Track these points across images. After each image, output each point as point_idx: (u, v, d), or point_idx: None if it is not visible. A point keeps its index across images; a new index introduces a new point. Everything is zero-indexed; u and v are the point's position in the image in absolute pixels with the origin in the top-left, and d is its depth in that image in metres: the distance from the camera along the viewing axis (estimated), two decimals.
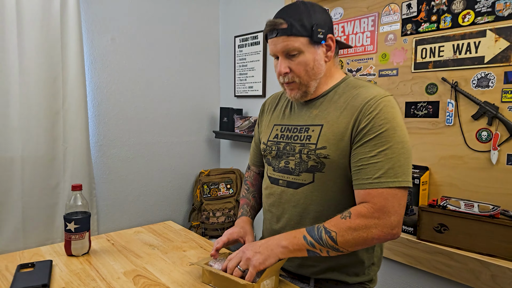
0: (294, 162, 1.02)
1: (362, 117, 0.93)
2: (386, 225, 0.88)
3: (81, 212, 1.15)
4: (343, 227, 0.88)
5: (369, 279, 1.06)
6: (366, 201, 0.90)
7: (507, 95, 1.38)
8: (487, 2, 1.41)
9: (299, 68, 0.98)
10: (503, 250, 1.34)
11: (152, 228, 1.44)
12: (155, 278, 1.01)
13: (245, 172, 1.34)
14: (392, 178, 0.88)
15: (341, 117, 0.97)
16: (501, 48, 1.38)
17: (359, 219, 0.88)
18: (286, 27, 0.95)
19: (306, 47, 0.97)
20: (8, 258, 1.13)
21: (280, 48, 0.98)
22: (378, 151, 0.90)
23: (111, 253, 1.17)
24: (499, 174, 1.41)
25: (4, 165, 1.82)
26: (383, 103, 0.93)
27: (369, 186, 0.89)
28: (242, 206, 1.22)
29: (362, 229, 0.87)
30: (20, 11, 1.79)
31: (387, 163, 0.89)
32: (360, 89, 0.99)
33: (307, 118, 1.04)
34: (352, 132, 0.94)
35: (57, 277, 1.00)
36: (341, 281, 1.03)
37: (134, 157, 2.32)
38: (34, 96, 1.86)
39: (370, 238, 0.88)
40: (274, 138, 1.10)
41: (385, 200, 0.88)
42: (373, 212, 0.88)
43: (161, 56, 2.40)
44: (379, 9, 1.76)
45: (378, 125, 0.91)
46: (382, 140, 0.90)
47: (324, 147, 0.97)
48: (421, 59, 1.61)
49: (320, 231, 0.89)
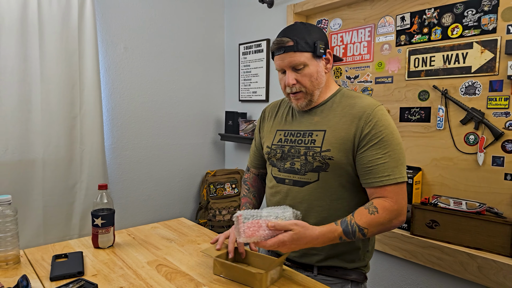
0: (300, 163, 1.14)
1: (364, 125, 1.07)
2: (401, 215, 1.05)
3: (106, 209, 1.28)
4: (374, 223, 1.01)
5: (364, 265, 1.18)
6: (383, 196, 1.04)
7: (492, 102, 1.51)
8: (474, 17, 1.54)
9: (305, 79, 1.11)
10: (488, 243, 1.47)
11: (167, 224, 1.57)
12: (176, 266, 1.14)
13: (245, 174, 1.46)
14: (398, 174, 1.04)
15: (340, 123, 1.11)
16: (486, 59, 1.51)
17: (385, 213, 1.02)
18: (293, 44, 1.09)
19: (310, 61, 1.10)
20: (42, 250, 1.26)
21: (287, 63, 1.10)
22: (383, 153, 1.05)
23: (133, 246, 1.31)
24: (485, 174, 1.54)
25: (27, 167, 1.95)
26: (379, 111, 1.08)
27: (382, 183, 1.04)
28: (245, 204, 1.32)
29: (387, 222, 1.03)
30: (41, 24, 1.93)
31: (392, 162, 1.04)
32: (355, 99, 1.13)
33: (308, 124, 1.17)
34: (355, 138, 1.07)
35: (89, 266, 1.13)
36: (341, 267, 1.15)
37: (145, 158, 2.45)
38: (54, 102, 2.00)
39: (391, 227, 1.04)
40: (278, 142, 1.22)
41: (397, 194, 1.04)
42: (393, 205, 1.03)
43: (170, 63, 2.53)
44: (375, 21, 1.89)
45: (378, 131, 1.05)
46: (384, 144, 1.05)
47: (328, 149, 1.09)
48: (414, 68, 1.74)
49: (354, 229, 1.01)
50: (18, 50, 1.88)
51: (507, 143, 1.47)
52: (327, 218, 1.11)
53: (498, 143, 1.49)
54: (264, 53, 2.46)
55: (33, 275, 1.07)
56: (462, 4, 1.57)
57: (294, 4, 2.21)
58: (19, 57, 1.89)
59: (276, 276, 1.06)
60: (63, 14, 1.99)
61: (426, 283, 1.69)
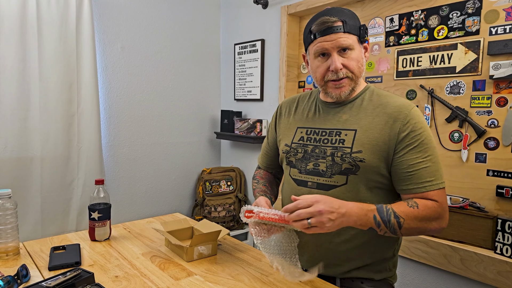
0: (326, 165, 1.04)
1: (401, 126, 0.98)
2: (443, 220, 0.97)
3: (103, 203, 1.33)
4: (411, 215, 0.93)
5: (391, 275, 1.10)
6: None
7: (475, 101, 1.56)
8: (458, 19, 1.60)
9: (352, 64, 1.01)
10: (470, 237, 1.53)
11: (162, 218, 1.62)
12: (169, 257, 1.19)
13: (255, 171, 1.37)
14: (440, 179, 0.98)
15: (373, 123, 1.02)
16: (470, 59, 1.57)
17: (426, 211, 0.94)
18: (341, 24, 0.98)
19: (356, 45, 1.01)
20: (41, 242, 1.31)
21: (336, 44, 0.99)
22: (424, 157, 0.97)
23: (128, 239, 1.36)
24: (468, 170, 1.59)
25: (25, 164, 2.00)
26: (416, 112, 1.00)
27: (426, 189, 0.97)
28: (255, 195, 1.21)
29: (425, 220, 0.95)
30: (40, 24, 1.97)
31: (433, 166, 0.98)
32: (387, 98, 1.05)
33: (336, 123, 1.07)
34: (391, 140, 0.99)
35: (86, 257, 1.19)
36: (367, 278, 1.06)
37: (141, 156, 2.50)
38: (52, 100, 2.04)
39: (429, 229, 0.96)
40: (300, 140, 1.12)
41: (442, 198, 0.97)
42: (437, 207, 0.96)
43: (166, 63, 2.58)
44: (365, 22, 1.95)
45: (418, 133, 0.98)
46: (424, 147, 0.97)
47: (360, 151, 1.00)
48: (402, 68, 1.80)
49: (390, 214, 0.93)
50: (17, 50, 1.93)
51: (489, 140, 1.53)
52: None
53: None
54: (259, 53, 2.51)
55: (32, 265, 1.12)
56: (447, 7, 1.63)
57: (288, 5, 2.26)
58: (18, 56, 1.93)
59: (206, 252, 1.19)
60: (61, 14, 2.03)
61: (412, 275, 1.75)
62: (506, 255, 1.41)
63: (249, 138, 2.44)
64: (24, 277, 1.01)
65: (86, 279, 0.97)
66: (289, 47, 2.31)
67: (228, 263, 1.16)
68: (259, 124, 2.42)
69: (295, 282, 1.03)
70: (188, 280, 1.04)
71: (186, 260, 1.16)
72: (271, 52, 2.44)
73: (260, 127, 2.42)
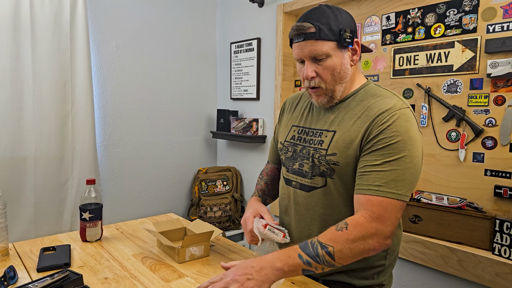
0: (308, 166, 1.03)
1: (373, 128, 0.92)
2: (382, 235, 0.87)
3: (94, 203, 1.31)
4: (340, 240, 0.86)
5: (378, 283, 1.05)
6: (365, 209, 0.89)
7: (472, 100, 1.54)
8: (455, 17, 1.58)
9: (326, 73, 0.97)
10: (468, 237, 1.51)
11: (155, 219, 1.60)
12: (160, 258, 1.17)
13: (265, 165, 1.36)
14: (393, 189, 0.88)
15: (354, 125, 0.96)
16: (467, 58, 1.55)
17: (356, 229, 0.86)
18: (314, 31, 0.93)
19: (333, 51, 0.95)
20: (31, 243, 1.29)
21: (307, 53, 0.96)
22: (384, 160, 0.89)
23: (120, 239, 1.34)
24: (466, 170, 1.58)
25: (19, 164, 1.98)
26: (397, 115, 0.92)
27: (369, 192, 0.89)
28: (254, 192, 1.25)
29: (359, 240, 0.86)
30: (34, 23, 1.95)
31: (391, 174, 0.88)
32: (378, 99, 0.98)
33: (324, 123, 1.04)
34: (361, 141, 0.94)
35: (76, 258, 1.16)
36: (349, 283, 1.03)
37: (136, 155, 2.48)
38: (46, 100, 2.02)
39: (367, 249, 0.87)
40: (291, 139, 1.11)
41: (384, 210, 0.87)
42: (371, 222, 0.87)
43: (162, 62, 2.56)
44: (362, 20, 1.93)
45: (388, 136, 0.90)
46: (390, 151, 0.89)
47: (334, 153, 0.97)
48: (398, 66, 1.78)
49: (316, 247, 0.86)
50: (10, 48, 1.90)
51: (486, 139, 1.51)
52: None
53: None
54: (255, 52, 2.49)
55: (21, 266, 1.10)
56: (444, 4, 1.61)
57: (284, 3, 2.24)
58: (11, 55, 1.91)
59: (198, 253, 1.17)
60: (55, 12, 2.01)
61: (409, 276, 1.73)
62: (504, 256, 1.40)
63: (246, 138, 2.42)
64: (11, 278, 0.99)
65: (74, 281, 0.95)
66: (285, 46, 2.29)
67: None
68: (255, 124, 2.40)
69: (286, 283, 1.01)
70: (179, 282, 1.02)
71: (177, 262, 1.14)
72: (267, 51, 2.42)
73: (256, 126, 2.40)
